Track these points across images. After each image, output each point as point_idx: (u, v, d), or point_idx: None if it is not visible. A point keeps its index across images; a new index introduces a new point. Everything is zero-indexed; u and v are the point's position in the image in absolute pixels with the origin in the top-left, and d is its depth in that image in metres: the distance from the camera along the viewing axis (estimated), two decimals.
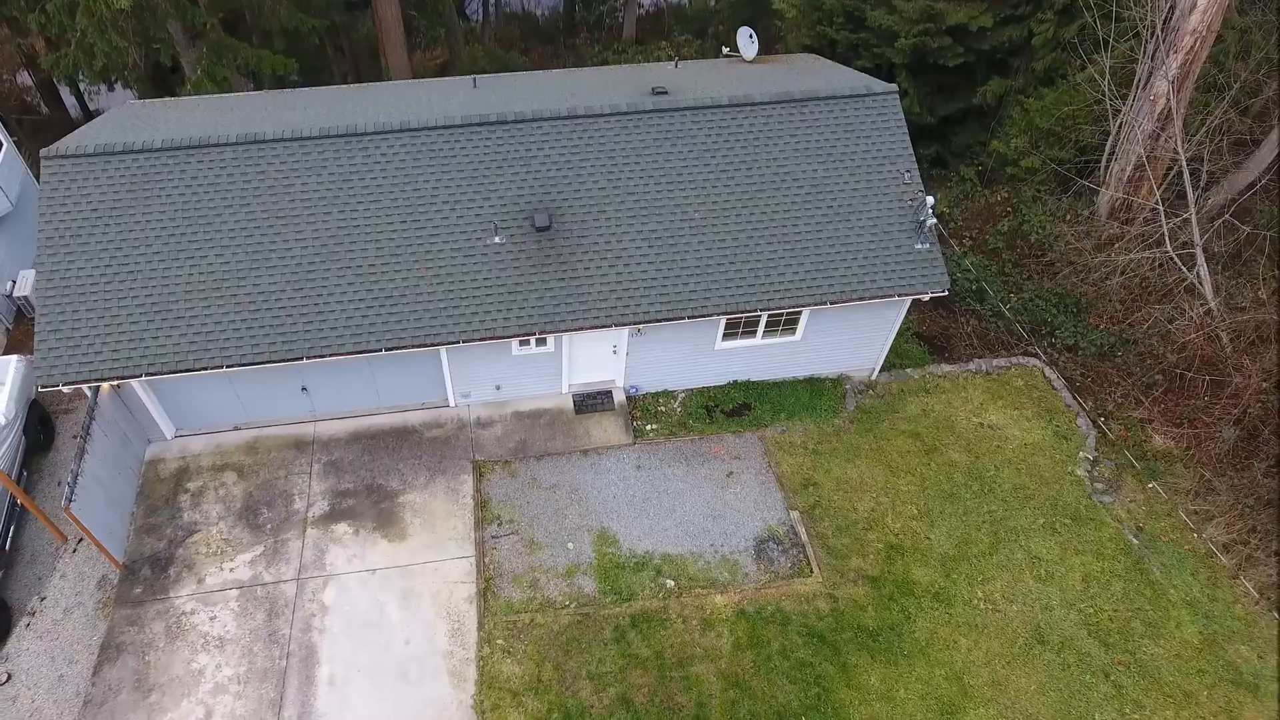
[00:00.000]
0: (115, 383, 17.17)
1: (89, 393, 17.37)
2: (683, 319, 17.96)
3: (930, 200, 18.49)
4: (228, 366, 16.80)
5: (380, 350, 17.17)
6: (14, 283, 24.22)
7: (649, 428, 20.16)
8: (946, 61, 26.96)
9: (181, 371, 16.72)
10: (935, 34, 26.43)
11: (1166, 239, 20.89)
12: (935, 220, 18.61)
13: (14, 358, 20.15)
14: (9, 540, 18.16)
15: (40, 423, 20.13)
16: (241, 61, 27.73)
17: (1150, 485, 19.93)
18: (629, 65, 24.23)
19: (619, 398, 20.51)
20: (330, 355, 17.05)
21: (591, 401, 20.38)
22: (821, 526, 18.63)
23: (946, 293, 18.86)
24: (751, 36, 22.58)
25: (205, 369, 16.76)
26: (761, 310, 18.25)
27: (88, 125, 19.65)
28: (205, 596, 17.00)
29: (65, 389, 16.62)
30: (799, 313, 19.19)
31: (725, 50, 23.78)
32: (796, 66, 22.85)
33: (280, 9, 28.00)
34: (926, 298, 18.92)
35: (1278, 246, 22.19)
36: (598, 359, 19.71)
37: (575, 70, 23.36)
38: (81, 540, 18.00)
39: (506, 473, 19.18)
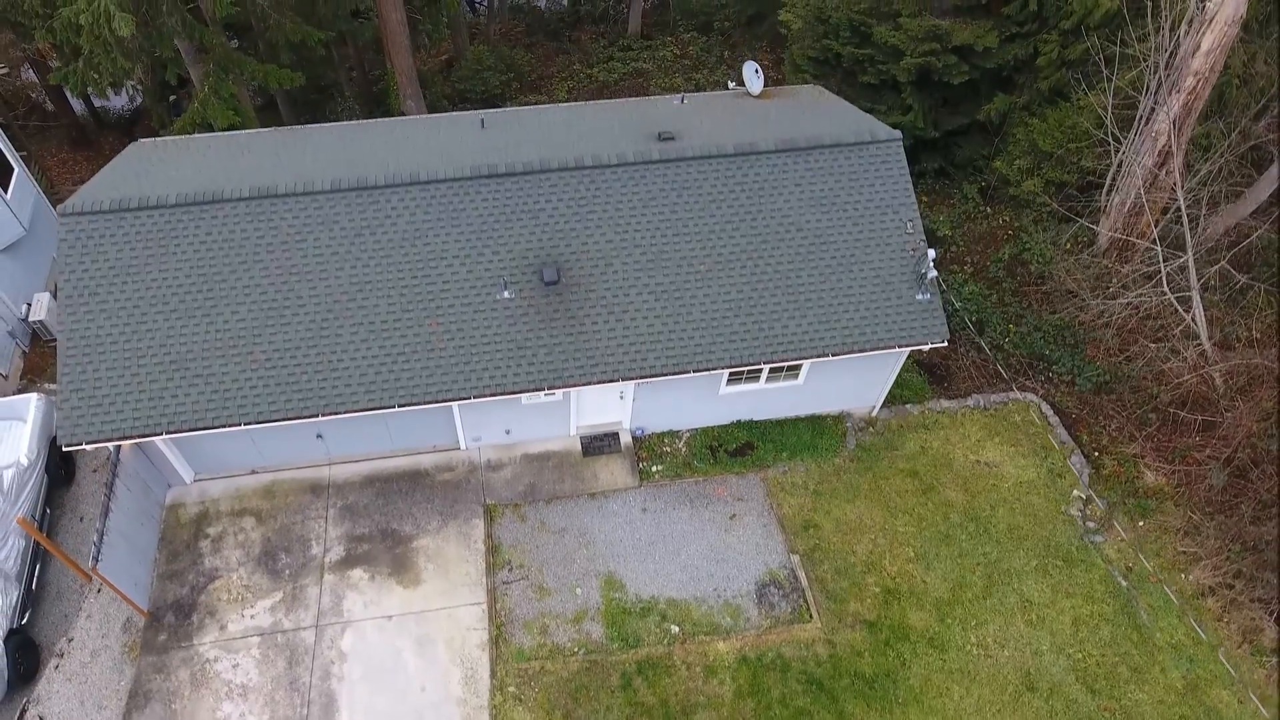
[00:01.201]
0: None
1: (111, 449, 17.88)
2: (687, 373, 18.39)
3: (932, 253, 18.81)
4: (245, 424, 17.28)
5: (394, 407, 17.65)
6: (29, 305, 24.65)
7: (654, 469, 20.70)
8: (952, 79, 27.01)
9: (200, 429, 17.22)
10: (941, 53, 26.47)
11: (1164, 281, 21.20)
12: (936, 273, 18.94)
13: (34, 396, 20.64)
14: (35, 579, 18.81)
15: (61, 458, 20.66)
16: (248, 77, 27.81)
17: (1141, 524, 20.51)
18: (635, 99, 24.26)
19: (625, 439, 21.03)
20: (345, 412, 17.53)
21: (599, 443, 20.90)
22: (821, 570, 19.25)
23: (946, 343, 19.26)
24: (757, 71, 22.69)
25: (223, 427, 17.26)
26: (765, 364, 18.67)
27: (101, 173, 19.90)
28: (228, 644, 17.69)
29: (88, 447, 17.10)
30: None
31: (731, 84, 23.88)
32: (803, 102, 22.96)
33: (286, 22, 27.97)
34: (926, 348, 19.33)
35: (1276, 283, 22.55)
36: (605, 404, 20.20)
37: (581, 105, 23.47)
38: None
39: (516, 516, 19.77)
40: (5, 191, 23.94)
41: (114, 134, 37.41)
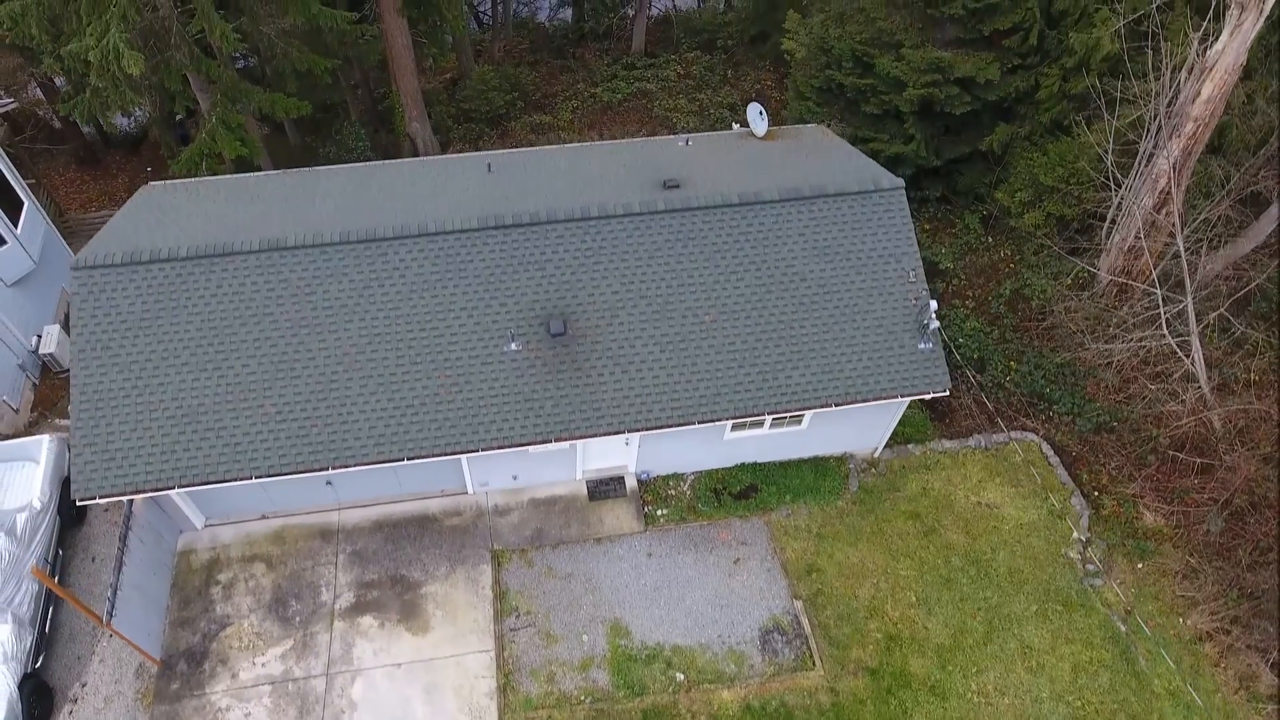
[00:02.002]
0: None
1: (124, 503, 18.13)
2: (692, 424, 18.61)
3: (933, 304, 19.02)
4: (256, 477, 17.52)
5: (403, 460, 17.89)
6: (39, 338, 24.89)
7: (659, 513, 20.95)
8: (954, 109, 27.13)
9: (212, 483, 17.46)
10: (943, 84, 26.57)
11: (1164, 324, 21.39)
12: (938, 324, 19.14)
13: (45, 437, 20.86)
14: (48, 622, 19.06)
15: (73, 500, 20.88)
16: (255, 106, 27.95)
17: (1140, 566, 20.75)
18: (640, 140, 24.44)
19: (631, 483, 21.28)
20: (355, 465, 17.77)
21: (604, 487, 21.15)
22: (824, 615, 19.50)
23: (947, 392, 19.48)
24: (761, 114, 22.84)
25: (235, 480, 17.49)
26: (768, 414, 18.89)
27: (113, 221, 20.06)
28: (239, 692, 17.97)
29: (102, 502, 17.36)
30: None
31: (736, 126, 24.04)
32: (806, 144, 23.10)
33: (293, 52, 28.09)
34: (928, 397, 19.54)
35: (1276, 328, 22.76)
36: (611, 449, 20.43)
37: (586, 146, 23.65)
38: None
39: (523, 562, 20.03)
40: (15, 226, 24.13)
41: (121, 153, 37.64)
